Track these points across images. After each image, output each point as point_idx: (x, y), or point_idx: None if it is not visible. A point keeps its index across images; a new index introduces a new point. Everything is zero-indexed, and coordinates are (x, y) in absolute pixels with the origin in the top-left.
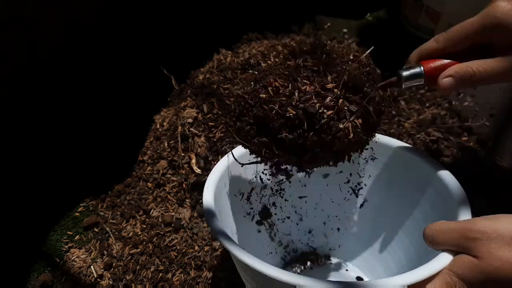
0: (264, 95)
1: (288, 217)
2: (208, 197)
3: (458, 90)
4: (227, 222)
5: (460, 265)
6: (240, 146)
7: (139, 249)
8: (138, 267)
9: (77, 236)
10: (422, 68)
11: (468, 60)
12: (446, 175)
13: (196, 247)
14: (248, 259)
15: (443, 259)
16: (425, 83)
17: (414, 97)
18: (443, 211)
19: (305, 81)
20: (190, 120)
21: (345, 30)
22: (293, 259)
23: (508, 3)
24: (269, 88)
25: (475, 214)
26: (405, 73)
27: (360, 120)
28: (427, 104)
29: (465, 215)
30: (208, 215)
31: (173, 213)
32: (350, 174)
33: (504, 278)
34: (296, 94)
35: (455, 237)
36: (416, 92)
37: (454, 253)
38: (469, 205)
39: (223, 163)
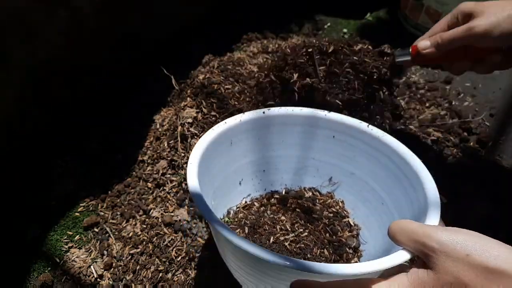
0: None
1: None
2: (192, 178)
3: (434, 53)
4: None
5: (417, 279)
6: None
7: (139, 249)
8: (138, 267)
9: (77, 236)
10: (409, 49)
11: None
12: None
13: (196, 247)
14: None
15: (400, 257)
16: (411, 60)
17: (414, 97)
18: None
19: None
20: (190, 120)
21: (345, 30)
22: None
23: (485, 18)
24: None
25: (475, 214)
26: (396, 51)
27: None
28: (427, 104)
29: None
30: (194, 197)
31: (173, 213)
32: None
33: None
34: None
35: (414, 240)
36: (416, 92)
37: (412, 254)
38: (440, 207)
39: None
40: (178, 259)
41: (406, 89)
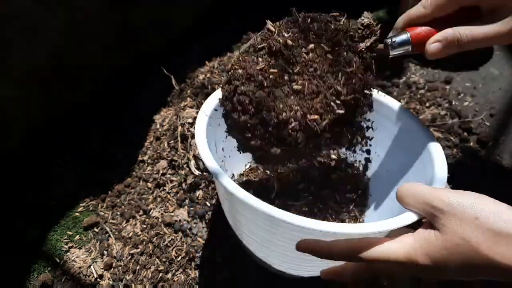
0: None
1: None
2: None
3: (445, 55)
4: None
5: (424, 240)
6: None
7: (139, 249)
8: (138, 267)
9: (77, 236)
10: (409, 34)
11: (455, 25)
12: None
13: (196, 247)
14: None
15: (407, 219)
16: (412, 50)
17: (414, 97)
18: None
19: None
20: (190, 120)
21: None
22: None
23: None
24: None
25: None
26: (392, 40)
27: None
28: (427, 104)
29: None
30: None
31: (173, 213)
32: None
33: (463, 256)
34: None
35: (422, 202)
36: (416, 92)
37: (419, 215)
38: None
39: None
40: (178, 259)
41: (406, 89)
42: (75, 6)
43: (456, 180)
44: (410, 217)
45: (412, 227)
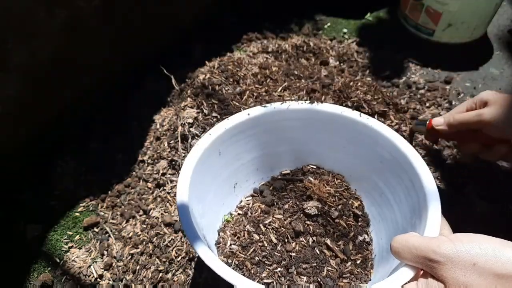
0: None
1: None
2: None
3: (445, 131)
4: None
5: None
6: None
7: (139, 249)
8: (138, 267)
9: (77, 236)
10: (427, 121)
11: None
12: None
13: None
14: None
15: (406, 275)
16: (426, 131)
17: (414, 97)
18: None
19: None
20: (190, 121)
21: (345, 30)
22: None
23: (495, 108)
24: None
25: (475, 213)
26: (416, 122)
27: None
28: (427, 104)
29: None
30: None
31: (173, 213)
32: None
33: None
34: None
35: (418, 256)
36: (416, 92)
37: (417, 268)
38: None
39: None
40: (178, 259)
41: (406, 89)
42: (76, 6)
43: (456, 180)
44: (408, 274)
45: None
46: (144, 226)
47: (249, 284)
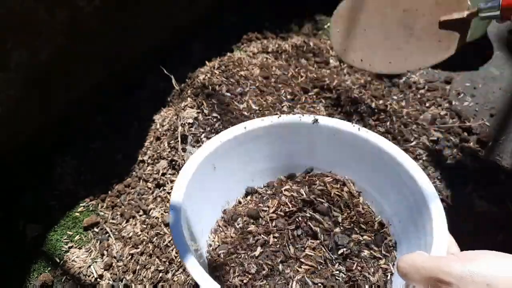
0: None
1: None
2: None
3: None
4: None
5: None
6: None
7: (139, 249)
8: (138, 267)
9: (77, 236)
10: (500, 1)
11: None
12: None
13: None
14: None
15: None
16: (500, 16)
17: (414, 97)
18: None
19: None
20: (190, 121)
21: None
22: None
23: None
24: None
25: (475, 213)
26: (480, 6)
27: None
28: (427, 104)
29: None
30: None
31: None
32: None
33: None
34: None
35: (428, 277)
36: (416, 92)
37: None
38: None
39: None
40: (178, 259)
41: (406, 89)
42: (75, 6)
43: (456, 180)
44: None
45: None
46: (144, 226)
47: None
